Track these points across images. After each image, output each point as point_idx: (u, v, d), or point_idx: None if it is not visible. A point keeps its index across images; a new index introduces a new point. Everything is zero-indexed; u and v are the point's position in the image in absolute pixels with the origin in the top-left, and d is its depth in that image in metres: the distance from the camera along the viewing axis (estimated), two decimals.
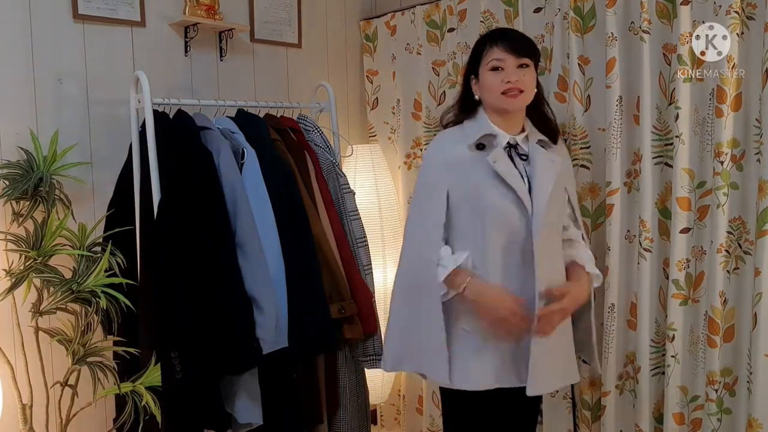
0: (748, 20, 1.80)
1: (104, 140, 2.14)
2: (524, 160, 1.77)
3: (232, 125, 2.11)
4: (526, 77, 1.72)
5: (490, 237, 1.73)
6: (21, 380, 1.89)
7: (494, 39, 1.75)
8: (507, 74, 1.71)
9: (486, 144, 1.77)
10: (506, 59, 1.71)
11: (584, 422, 2.19)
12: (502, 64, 1.71)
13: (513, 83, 1.70)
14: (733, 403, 1.89)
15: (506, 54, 1.71)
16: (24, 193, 1.84)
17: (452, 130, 1.85)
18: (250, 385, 1.91)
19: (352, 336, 2.13)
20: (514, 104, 1.74)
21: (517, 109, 1.76)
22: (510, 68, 1.71)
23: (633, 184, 2.05)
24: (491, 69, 1.73)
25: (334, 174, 2.31)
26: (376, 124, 2.90)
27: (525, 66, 1.72)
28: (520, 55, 1.71)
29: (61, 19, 2.05)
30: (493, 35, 1.77)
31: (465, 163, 1.76)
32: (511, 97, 1.71)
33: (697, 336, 1.95)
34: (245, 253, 1.91)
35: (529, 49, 1.74)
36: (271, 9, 2.59)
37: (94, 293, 1.83)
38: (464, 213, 1.76)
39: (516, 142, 1.78)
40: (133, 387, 1.82)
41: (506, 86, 1.70)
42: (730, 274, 1.87)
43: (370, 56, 2.89)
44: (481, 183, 1.74)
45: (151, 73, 2.00)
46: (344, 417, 2.24)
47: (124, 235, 1.96)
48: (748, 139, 1.82)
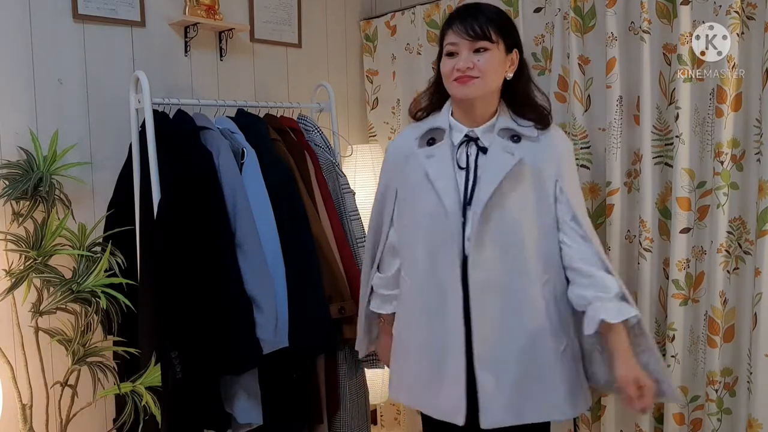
0: (748, 20, 1.80)
1: (104, 140, 2.14)
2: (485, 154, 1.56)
3: (232, 125, 2.11)
4: (482, 62, 1.49)
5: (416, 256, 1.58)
6: (21, 380, 1.88)
7: (453, 19, 1.54)
8: (458, 60, 1.51)
9: (436, 138, 1.58)
10: (459, 43, 1.50)
11: (584, 422, 2.19)
12: (455, 48, 1.51)
13: (462, 71, 1.49)
14: (733, 403, 1.89)
15: (459, 37, 1.50)
16: (24, 193, 1.84)
17: (413, 125, 1.67)
18: (250, 385, 1.91)
19: (352, 336, 2.13)
20: (466, 91, 1.51)
21: (473, 97, 1.53)
22: (464, 53, 1.50)
23: (633, 184, 2.05)
24: (446, 54, 1.54)
25: (334, 174, 2.31)
26: (376, 124, 2.90)
27: (483, 50, 1.50)
28: (476, 38, 1.49)
29: (61, 19, 2.05)
30: (454, 14, 1.56)
31: (409, 162, 1.61)
32: (461, 82, 1.50)
33: (697, 336, 1.95)
34: (245, 253, 1.91)
35: (489, 30, 1.49)
36: (271, 9, 2.59)
37: (94, 293, 1.83)
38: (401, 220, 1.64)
39: (476, 135, 1.57)
40: (133, 387, 1.82)
41: (456, 74, 1.51)
42: (730, 274, 1.87)
43: (370, 56, 2.89)
44: (413, 185, 1.59)
45: (151, 73, 2.01)
46: (344, 417, 2.24)
47: (124, 235, 1.96)
48: (748, 139, 1.82)
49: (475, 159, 1.55)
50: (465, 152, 1.56)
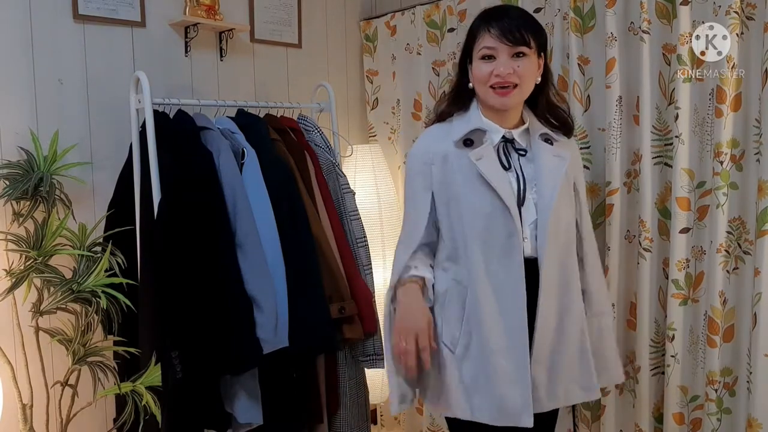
0: (748, 20, 1.80)
1: (104, 140, 2.14)
2: (523, 155, 1.57)
3: (232, 125, 2.11)
4: (521, 68, 1.48)
5: (473, 252, 1.53)
6: (21, 380, 1.89)
7: (487, 21, 1.51)
8: (498, 65, 1.48)
9: (475, 140, 1.56)
10: (498, 47, 1.48)
11: (584, 422, 2.19)
12: (493, 52, 1.49)
13: (503, 77, 1.48)
14: (732, 403, 1.89)
15: (498, 42, 1.47)
16: (24, 193, 1.84)
17: (438, 126, 1.65)
18: (250, 384, 1.92)
19: (352, 336, 2.13)
20: (505, 102, 1.52)
21: (511, 107, 1.55)
22: (502, 57, 1.48)
23: (633, 184, 2.06)
24: (481, 57, 1.51)
25: (334, 174, 2.31)
26: (376, 124, 2.90)
27: (521, 55, 1.49)
28: (516, 43, 1.47)
29: (61, 19, 2.05)
30: (487, 16, 1.53)
31: (448, 162, 1.56)
32: (500, 94, 1.50)
33: (696, 336, 1.95)
34: (245, 253, 1.91)
35: (527, 34, 1.48)
36: (271, 9, 2.59)
37: (94, 293, 1.83)
38: (447, 220, 1.59)
39: (512, 136, 1.58)
40: (134, 387, 1.82)
41: (496, 80, 1.49)
42: (729, 274, 1.87)
43: (370, 56, 2.89)
44: (461, 185, 1.54)
45: (151, 73, 2.01)
46: (344, 417, 2.24)
47: (125, 235, 1.96)
48: (748, 139, 1.83)
49: (518, 160, 1.58)
50: (505, 154, 1.57)
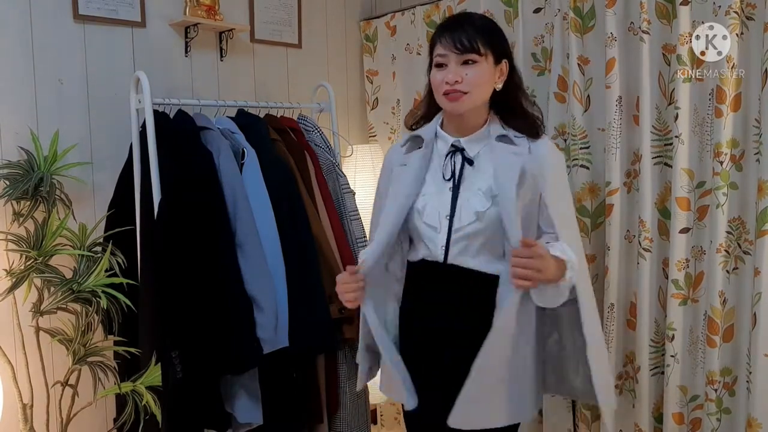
0: (748, 20, 1.80)
1: (104, 140, 2.14)
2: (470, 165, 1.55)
3: (232, 125, 2.11)
4: (470, 75, 1.48)
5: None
6: (21, 380, 1.89)
7: (441, 31, 1.53)
8: (447, 72, 1.50)
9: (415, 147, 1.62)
10: (448, 55, 1.49)
11: (584, 422, 2.19)
12: (444, 60, 1.50)
13: (451, 84, 1.49)
14: (732, 402, 1.89)
15: (447, 50, 1.49)
16: (24, 193, 1.84)
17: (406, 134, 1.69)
18: (250, 384, 1.92)
19: (352, 336, 2.13)
20: (456, 107, 1.51)
21: (463, 111, 1.53)
22: (452, 65, 1.49)
23: (632, 184, 2.06)
24: (436, 65, 1.53)
25: (334, 174, 2.31)
26: (376, 124, 2.90)
27: (471, 62, 1.49)
28: (465, 51, 1.47)
29: (61, 19, 2.05)
30: (442, 25, 1.55)
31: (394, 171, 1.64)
32: (451, 99, 1.50)
33: (696, 336, 1.95)
34: (245, 253, 1.91)
35: (476, 42, 1.48)
36: (271, 9, 2.59)
37: (94, 293, 1.84)
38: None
39: (461, 145, 1.56)
40: (134, 387, 1.82)
41: (445, 87, 1.50)
42: (729, 274, 1.87)
43: (370, 56, 2.89)
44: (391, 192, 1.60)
45: (152, 73, 2.01)
46: (344, 417, 2.24)
47: (125, 235, 1.96)
48: (748, 139, 1.83)
49: (460, 169, 1.55)
50: (451, 162, 1.56)
